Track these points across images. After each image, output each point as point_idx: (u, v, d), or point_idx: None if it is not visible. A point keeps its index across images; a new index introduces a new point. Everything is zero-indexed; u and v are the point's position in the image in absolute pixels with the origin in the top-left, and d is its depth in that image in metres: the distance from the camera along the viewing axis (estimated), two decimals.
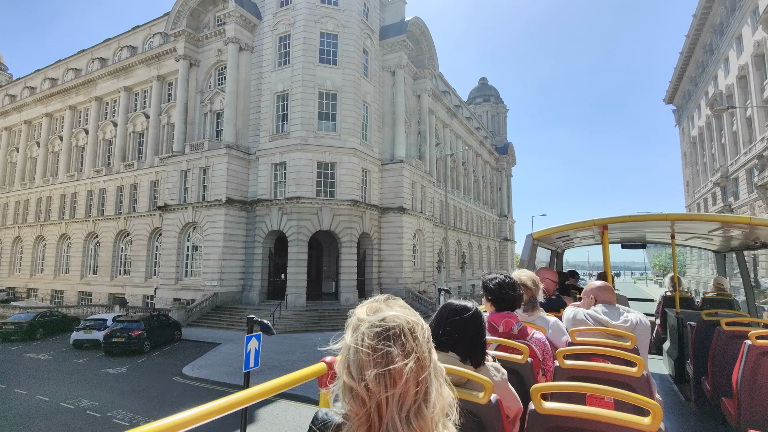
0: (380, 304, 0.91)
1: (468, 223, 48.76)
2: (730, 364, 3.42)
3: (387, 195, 30.13)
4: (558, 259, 7.96)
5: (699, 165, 49.35)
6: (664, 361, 6.42)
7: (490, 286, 2.50)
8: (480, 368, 1.68)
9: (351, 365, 0.82)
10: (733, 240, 5.88)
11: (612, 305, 2.95)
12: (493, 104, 67.66)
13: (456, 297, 1.89)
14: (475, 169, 53.38)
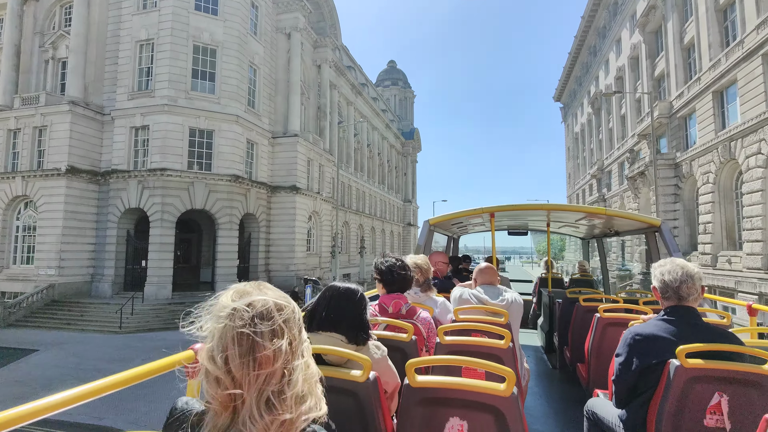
0: (250, 288, 0.89)
1: (372, 207, 47.42)
2: (585, 334, 3.76)
3: (278, 172, 27.00)
4: (454, 244, 8.53)
5: (580, 159, 54.05)
6: (538, 335, 7.02)
7: (382, 269, 2.58)
8: (361, 347, 1.74)
9: (215, 352, 0.80)
10: (594, 228, 6.71)
11: (492, 285, 3.22)
12: (401, 88, 66.99)
13: (351, 283, 1.86)
14: (380, 152, 52.10)
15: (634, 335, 2.12)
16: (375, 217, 47.72)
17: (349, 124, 40.68)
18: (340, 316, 1.75)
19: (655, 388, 2.03)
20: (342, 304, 1.77)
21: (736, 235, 20.19)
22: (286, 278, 25.31)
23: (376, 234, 47.95)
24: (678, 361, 1.93)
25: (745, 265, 17.69)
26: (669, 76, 26.32)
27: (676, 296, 2.11)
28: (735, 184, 20.20)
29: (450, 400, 1.61)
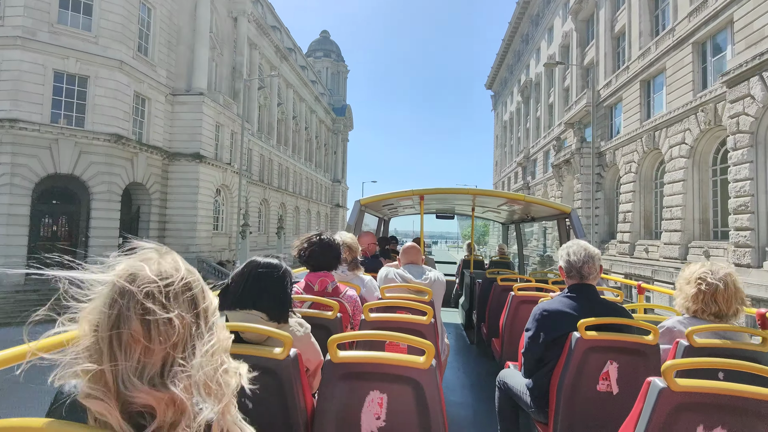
0: (151, 254, 0.83)
1: (296, 185, 44.05)
2: (501, 311, 3.99)
3: (179, 137, 22.90)
4: (384, 226, 8.87)
5: (507, 147, 55.08)
6: (458, 313, 7.33)
7: (308, 246, 2.55)
8: (283, 325, 1.70)
9: (100, 328, 0.74)
10: (514, 214, 7.24)
11: (417, 265, 3.33)
12: (334, 61, 63.29)
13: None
14: (308, 126, 48.52)
15: (541, 311, 2.31)
16: (300, 195, 44.46)
17: (273, 91, 36.71)
18: (260, 293, 1.67)
19: (558, 358, 2.20)
20: (262, 280, 1.68)
21: (653, 224, 20.58)
22: (186, 261, 21.64)
23: (300, 214, 44.77)
24: (579, 333, 2.10)
25: (662, 254, 17.85)
26: (598, 64, 26.38)
27: (578, 275, 2.33)
28: (655, 174, 20.48)
29: (371, 374, 1.63)
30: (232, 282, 1.68)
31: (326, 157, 57.31)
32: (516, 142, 49.84)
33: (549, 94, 37.22)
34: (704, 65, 16.67)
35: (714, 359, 1.67)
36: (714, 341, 2.04)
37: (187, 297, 0.80)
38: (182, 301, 0.78)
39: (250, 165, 31.91)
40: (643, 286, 3.94)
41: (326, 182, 56.53)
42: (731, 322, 2.17)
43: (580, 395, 2.10)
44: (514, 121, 50.87)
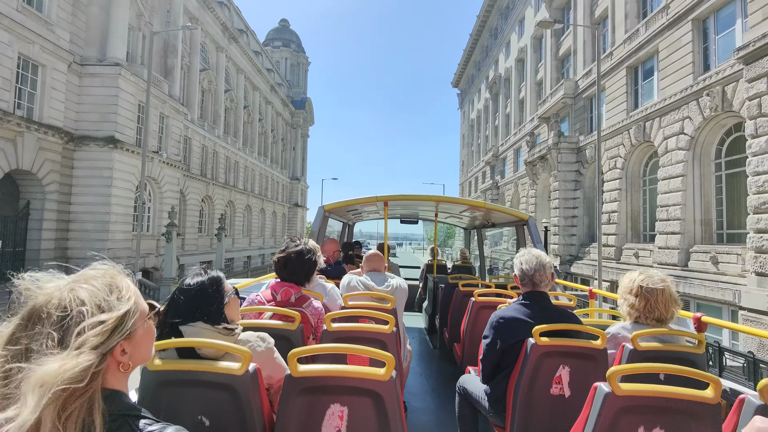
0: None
1: (248, 181, 39.91)
2: (462, 316, 4.00)
3: (88, 116, 18.65)
4: (349, 231, 9.12)
5: (474, 146, 53.24)
6: (422, 317, 7.48)
7: (278, 257, 2.55)
8: (239, 339, 1.68)
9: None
10: (475, 220, 7.46)
11: (379, 272, 3.35)
12: (293, 52, 59.25)
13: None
14: (263, 118, 44.43)
15: (498, 318, 2.35)
16: (252, 193, 40.32)
17: (219, 74, 32.56)
18: (193, 309, 1.62)
19: (514, 364, 2.26)
20: (189, 297, 1.63)
21: (641, 226, 18.54)
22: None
23: (252, 214, 40.63)
24: (533, 339, 2.16)
25: (657, 259, 15.67)
26: (576, 53, 24.39)
27: (531, 282, 2.40)
28: (644, 171, 18.46)
29: (331, 387, 1.62)
30: (168, 308, 1.63)
31: (284, 153, 53.23)
32: (484, 141, 47.99)
33: (520, 89, 35.33)
34: (706, 45, 14.62)
35: (653, 364, 1.82)
36: (655, 345, 2.18)
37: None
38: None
39: (188, 156, 27.71)
40: (594, 291, 4.23)
41: (284, 180, 52.45)
42: (670, 325, 2.27)
43: (535, 399, 2.17)
44: (481, 119, 49.04)
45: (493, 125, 43.90)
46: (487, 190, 41.29)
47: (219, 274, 1.73)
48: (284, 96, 50.98)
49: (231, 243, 35.28)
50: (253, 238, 40.76)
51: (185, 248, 26.49)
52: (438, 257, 7.80)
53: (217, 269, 1.75)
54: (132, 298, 0.85)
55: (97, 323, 0.77)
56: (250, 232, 40.24)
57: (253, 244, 40.80)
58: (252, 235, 40.42)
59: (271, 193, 47.57)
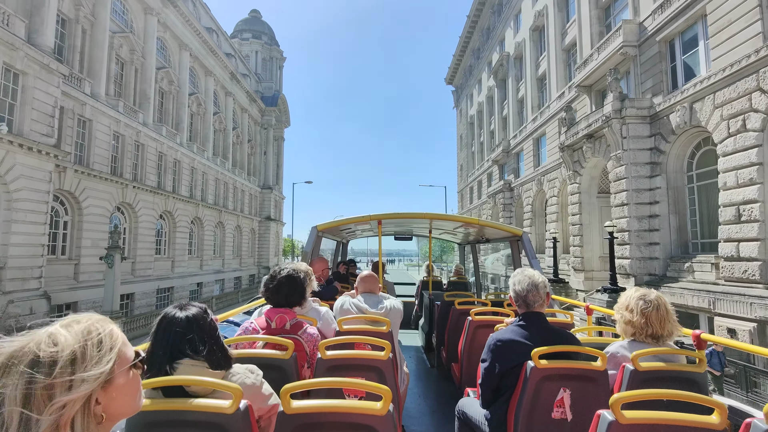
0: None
1: (199, 187, 31.71)
2: (459, 335, 3.90)
3: None
4: (343, 249, 9.23)
5: (475, 146, 45.90)
6: (419, 335, 7.30)
7: (267, 282, 2.49)
8: (230, 372, 1.61)
9: None
10: (469, 236, 7.40)
11: (373, 294, 3.26)
12: (265, 45, 51.82)
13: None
14: (220, 111, 36.56)
15: (495, 341, 2.28)
16: (203, 203, 32.05)
17: (147, 44, 24.66)
18: (187, 344, 1.54)
19: (514, 388, 2.19)
20: (172, 333, 1.55)
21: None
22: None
23: (203, 228, 32.25)
24: (533, 362, 2.09)
25: None
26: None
27: (525, 304, 2.35)
28: None
29: (326, 423, 1.57)
30: (158, 336, 1.57)
31: (252, 158, 45.20)
32: (488, 138, 40.68)
33: (538, 63, 28.12)
34: None
35: (656, 390, 1.72)
36: (656, 364, 2.14)
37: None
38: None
39: (88, 146, 19.51)
40: (591, 308, 3.92)
41: (252, 189, 44.25)
42: (668, 342, 2.26)
43: (537, 424, 2.10)
44: (484, 114, 41.81)
45: (500, 117, 36.61)
46: (496, 193, 33.65)
47: (203, 305, 1.67)
48: (249, 88, 43.18)
49: (170, 267, 26.85)
50: (205, 260, 32.26)
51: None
52: (433, 273, 7.85)
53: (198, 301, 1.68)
54: (110, 346, 0.82)
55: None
56: (201, 251, 31.79)
57: (206, 267, 32.30)
58: (204, 257, 31.95)
59: (238, 205, 39.34)
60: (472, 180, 46.60)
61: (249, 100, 43.04)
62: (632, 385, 2.08)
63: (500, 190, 32.74)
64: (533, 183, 27.55)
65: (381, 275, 4.95)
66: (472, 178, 46.70)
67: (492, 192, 34.93)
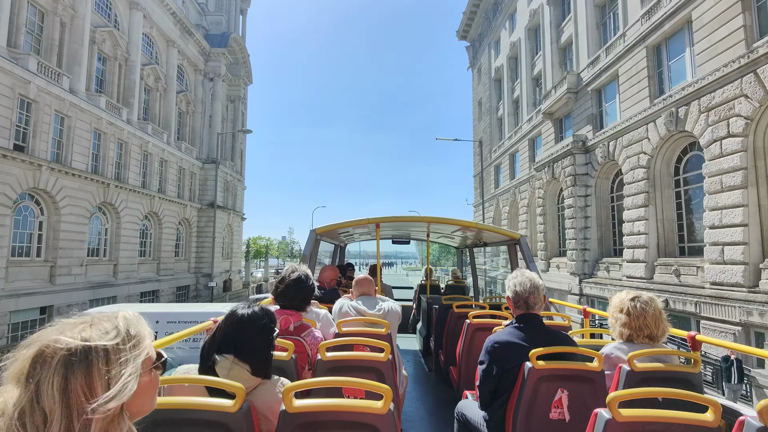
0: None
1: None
2: (458, 339, 3.92)
3: None
4: (341, 252, 9.06)
5: (504, 106, 32.90)
6: (417, 339, 7.39)
7: (276, 284, 2.59)
8: (265, 383, 1.65)
9: None
10: (467, 239, 7.33)
11: (370, 296, 3.31)
12: None
13: None
14: (120, 30, 23.22)
15: (493, 343, 2.30)
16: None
17: None
18: (240, 343, 1.63)
19: (512, 389, 2.21)
20: (243, 329, 1.65)
21: None
22: None
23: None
24: (530, 363, 2.12)
25: None
26: None
27: (525, 305, 2.37)
28: None
29: (328, 422, 1.58)
30: (217, 330, 1.65)
31: (188, 118, 31.90)
32: (528, 87, 27.79)
33: None
34: None
35: (651, 389, 1.76)
36: (652, 365, 2.14)
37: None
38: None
39: None
40: (588, 310, 3.99)
41: (189, 162, 30.92)
42: (662, 342, 2.30)
43: (535, 424, 2.11)
44: (522, 55, 28.76)
45: (553, 48, 23.70)
46: (557, 159, 20.67)
47: (271, 312, 1.73)
48: (186, 19, 29.86)
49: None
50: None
51: None
52: (431, 278, 7.94)
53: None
54: (138, 344, 0.82)
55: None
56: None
57: (77, 278, 18.99)
58: (57, 257, 18.61)
59: (152, 181, 25.99)
60: (499, 155, 33.67)
61: (179, 29, 29.65)
62: (629, 386, 2.07)
63: (568, 151, 19.75)
64: (642, 129, 14.63)
65: (379, 278, 5.07)
66: (499, 153, 33.77)
67: (546, 160, 21.95)
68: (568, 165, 19.94)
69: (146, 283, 24.59)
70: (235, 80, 37.52)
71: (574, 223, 19.29)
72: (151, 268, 25.75)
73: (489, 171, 37.06)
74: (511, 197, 30.16)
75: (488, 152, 37.33)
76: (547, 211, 22.88)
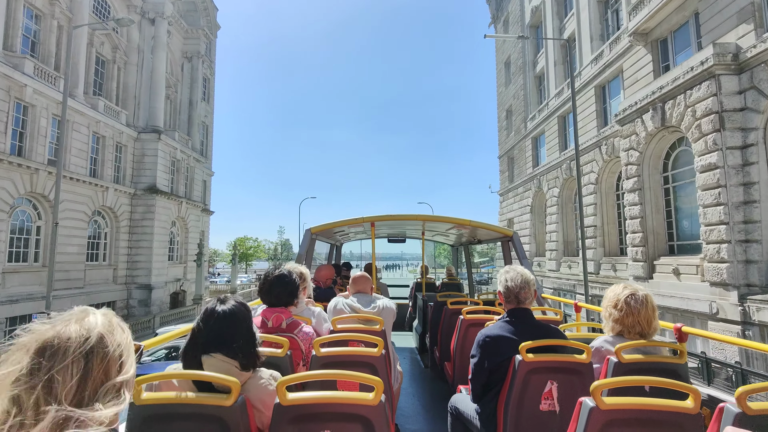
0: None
1: None
2: (452, 334, 4.02)
3: None
4: (337, 252, 9.13)
5: (549, 55, 24.29)
6: (413, 336, 7.56)
7: (261, 283, 2.55)
8: (256, 376, 1.64)
9: None
10: (462, 237, 7.54)
11: (366, 294, 3.34)
12: None
13: None
14: None
15: (484, 337, 2.35)
16: None
17: None
18: (224, 339, 1.62)
19: (502, 382, 2.26)
20: (225, 329, 1.63)
21: None
22: None
23: None
24: (521, 356, 2.15)
25: None
26: None
27: (516, 300, 2.40)
28: None
29: (321, 414, 1.60)
30: (196, 328, 1.64)
31: (116, 70, 23.42)
32: (591, 13, 19.22)
33: None
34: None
35: (634, 377, 1.81)
36: (639, 357, 2.18)
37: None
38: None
39: None
40: (579, 305, 4.04)
41: (108, 127, 22.33)
42: (651, 336, 2.28)
43: (525, 416, 2.15)
44: None
45: None
46: (687, 84, 11.95)
47: (245, 303, 1.70)
48: None
49: None
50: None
51: None
52: (427, 275, 7.82)
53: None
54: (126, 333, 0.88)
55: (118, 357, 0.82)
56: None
57: None
58: None
59: (22, 144, 17.44)
60: (541, 120, 24.91)
61: None
62: (616, 376, 2.09)
63: (695, 79, 11.03)
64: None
65: (374, 277, 5.08)
66: (540, 118, 25.02)
67: (648, 101, 13.19)
68: (704, 97, 11.28)
69: (20, 302, 15.99)
70: (192, 31, 29.07)
71: (722, 196, 10.69)
72: (36, 279, 17.19)
73: (523, 147, 28.36)
74: (563, 173, 21.42)
75: (521, 122, 28.65)
76: (648, 184, 14.09)
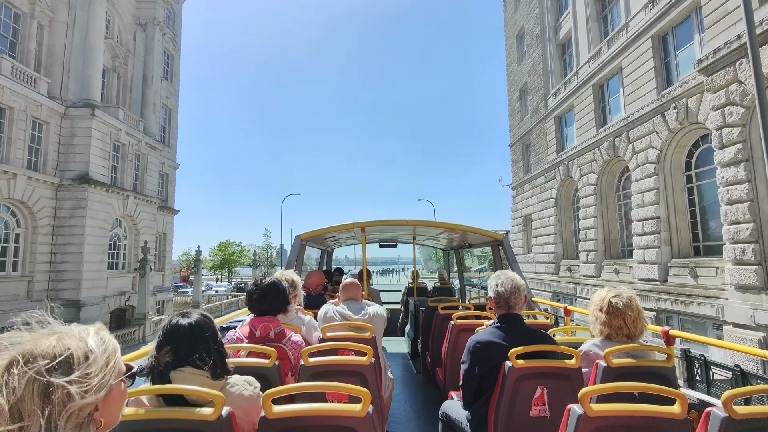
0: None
1: None
2: (443, 340, 3.95)
3: None
4: (328, 257, 9.21)
5: (577, 14, 19.70)
6: (405, 341, 7.42)
7: (250, 291, 2.51)
8: (228, 383, 1.60)
9: None
10: (453, 242, 7.69)
11: (356, 301, 3.30)
12: None
13: None
14: None
15: (474, 343, 2.32)
16: None
17: None
18: (190, 352, 1.55)
19: (493, 388, 2.23)
20: (191, 342, 1.58)
21: None
22: None
23: None
24: (510, 362, 2.13)
25: None
26: None
27: (506, 305, 2.39)
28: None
29: (308, 427, 1.57)
30: (159, 345, 1.58)
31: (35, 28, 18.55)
32: None
33: None
34: None
35: (622, 384, 1.81)
36: (628, 360, 2.16)
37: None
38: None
39: None
40: (568, 308, 4.06)
41: (19, 97, 17.40)
42: (639, 340, 2.30)
43: (515, 422, 2.13)
44: None
45: None
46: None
47: (208, 315, 1.66)
48: None
49: None
50: None
51: None
52: (418, 280, 7.74)
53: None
54: (114, 353, 0.84)
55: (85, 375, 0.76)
56: None
57: None
58: None
59: None
60: (569, 93, 20.24)
61: None
62: (605, 381, 2.07)
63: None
64: None
65: (366, 283, 5.12)
66: (568, 90, 20.35)
67: None
68: None
69: None
70: None
71: None
72: None
73: (542, 130, 23.69)
74: (604, 154, 16.73)
75: (539, 101, 24.01)
76: (754, 154, 9.47)
